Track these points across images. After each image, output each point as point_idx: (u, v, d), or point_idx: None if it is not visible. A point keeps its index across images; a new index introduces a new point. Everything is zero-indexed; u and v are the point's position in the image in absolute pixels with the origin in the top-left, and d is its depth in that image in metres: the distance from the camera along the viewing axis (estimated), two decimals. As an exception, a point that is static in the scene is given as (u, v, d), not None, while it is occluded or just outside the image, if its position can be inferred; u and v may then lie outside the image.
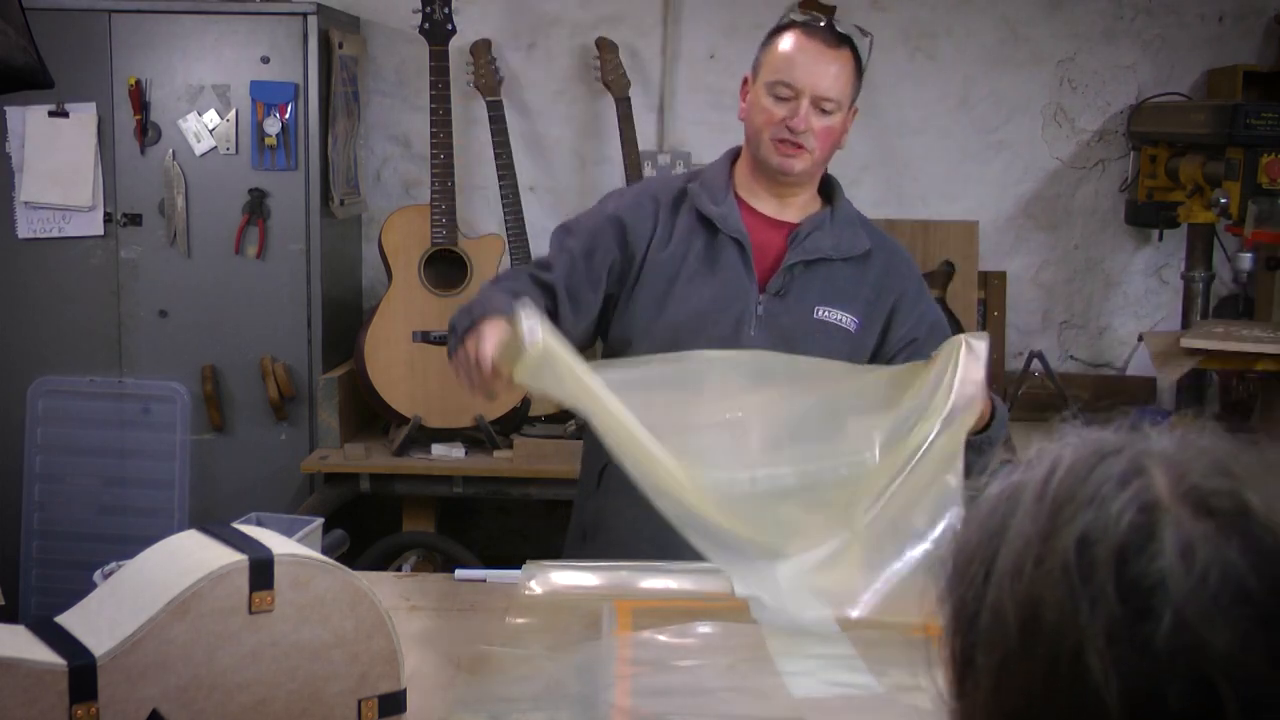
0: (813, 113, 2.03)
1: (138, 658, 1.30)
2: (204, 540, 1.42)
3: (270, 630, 1.37)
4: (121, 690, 1.29)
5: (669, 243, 2.10)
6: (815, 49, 2.05)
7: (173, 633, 1.31)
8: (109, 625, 1.32)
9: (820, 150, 2.06)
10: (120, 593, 1.37)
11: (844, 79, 2.05)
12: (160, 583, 1.34)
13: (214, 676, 1.35)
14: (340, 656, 1.42)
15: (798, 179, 2.10)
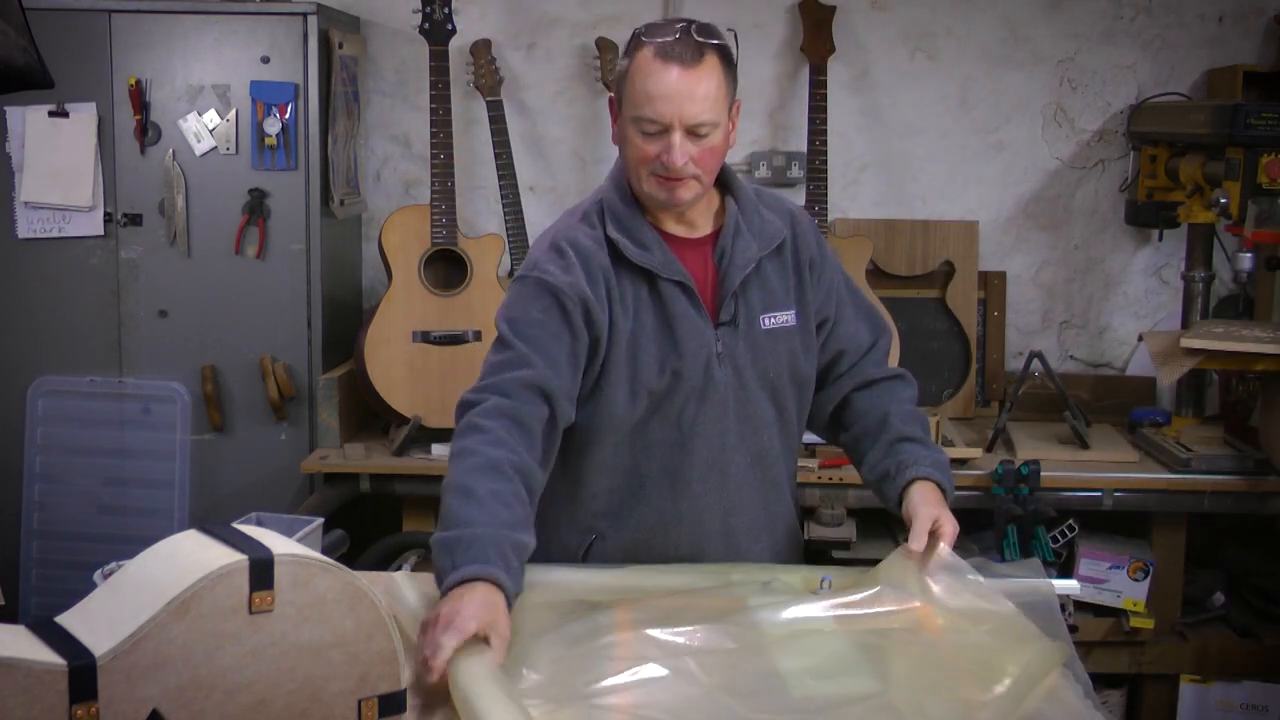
0: (688, 142, 1.88)
1: (138, 658, 1.30)
2: (204, 540, 1.42)
3: (270, 630, 1.37)
4: (121, 690, 1.29)
5: (623, 306, 1.97)
6: (674, 75, 1.85)
7: (173, 632, 1.31)
8: (109, 625, 1.32)
9: (707, 171, 1.93)
10: (120, 593, 1.37)
11: (713, 94, 1.88)
12: (160, 582, 1.34)
13: (214, 676, 1.35)
14: (340, 657, 1.42)
15: (692, 202, 1.98)
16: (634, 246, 1.97)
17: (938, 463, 2.07)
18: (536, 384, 1.90)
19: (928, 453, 2.09)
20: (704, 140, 1.89)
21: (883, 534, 3.39)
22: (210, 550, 1.39)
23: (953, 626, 1.81)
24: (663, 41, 1.87)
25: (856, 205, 3.79)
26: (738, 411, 2.03)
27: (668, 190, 1.93)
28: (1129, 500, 3.21)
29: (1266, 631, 3.36)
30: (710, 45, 1.89)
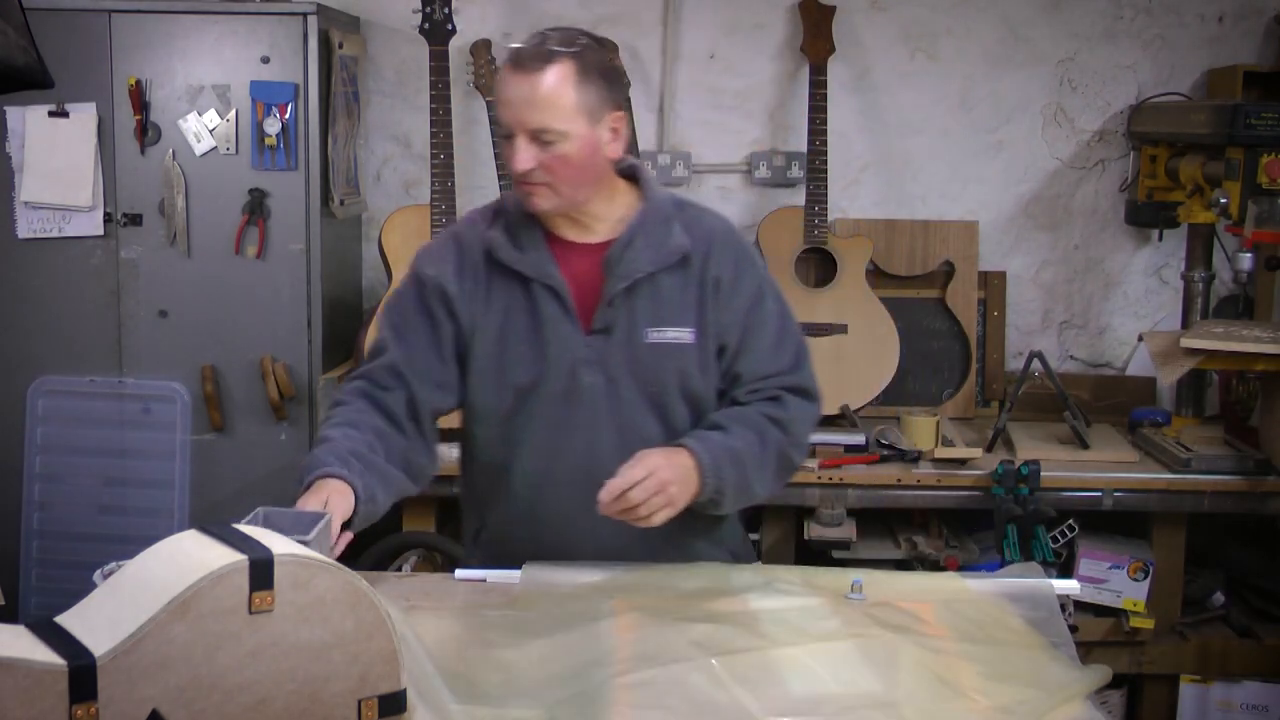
0: (533, 147, 1.89)
1: (138, 658, 1.30)
2: (204, 540, 1.42)
3: (270, 630, 1.37)
4: (121, 690, 1.30)
5: (490, 302, 2.01)
6: (515, 81, 1.88)
7: (173, 633, 1.31)
8: (109, 625, 1.32)
9: (563, 181, 1.91)
10: (120, 593, 1.37)
11: (555, 101, 1.87)
12: (160, 583, 1.34)
13: (214, 676, 1.35)
14: (340, 657, 1.42)
15: (560, 213, 1.98)
16: (509, 247, 2.00)
17: (711, 440, 1.95)
18: (392, 367, 2.02)
19: (712, 432, 1.98)
20: (552, 148, 1.89)
21: (883, 534, 3.40)
22: (210, 550, 1.39)
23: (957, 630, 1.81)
24: (517, 49, 1.92)
25: (856, 205, 3.79)
26: (612, 421, 2.00)
27: (525, 197, 1.95)
28: (1129, 500, 3.20)
29: (1266, 631, 3.36)
30: (562, 52, 1.89)
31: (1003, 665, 1.71)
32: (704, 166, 3.78)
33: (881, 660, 1.69)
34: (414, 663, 1.65)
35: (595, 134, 1.92)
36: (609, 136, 1.95)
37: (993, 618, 1.86)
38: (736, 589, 1.92)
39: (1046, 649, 1.78)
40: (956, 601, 1.91)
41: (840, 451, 3.27)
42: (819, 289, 3.53)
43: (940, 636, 1.78)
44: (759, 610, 1.83)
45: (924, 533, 3.37)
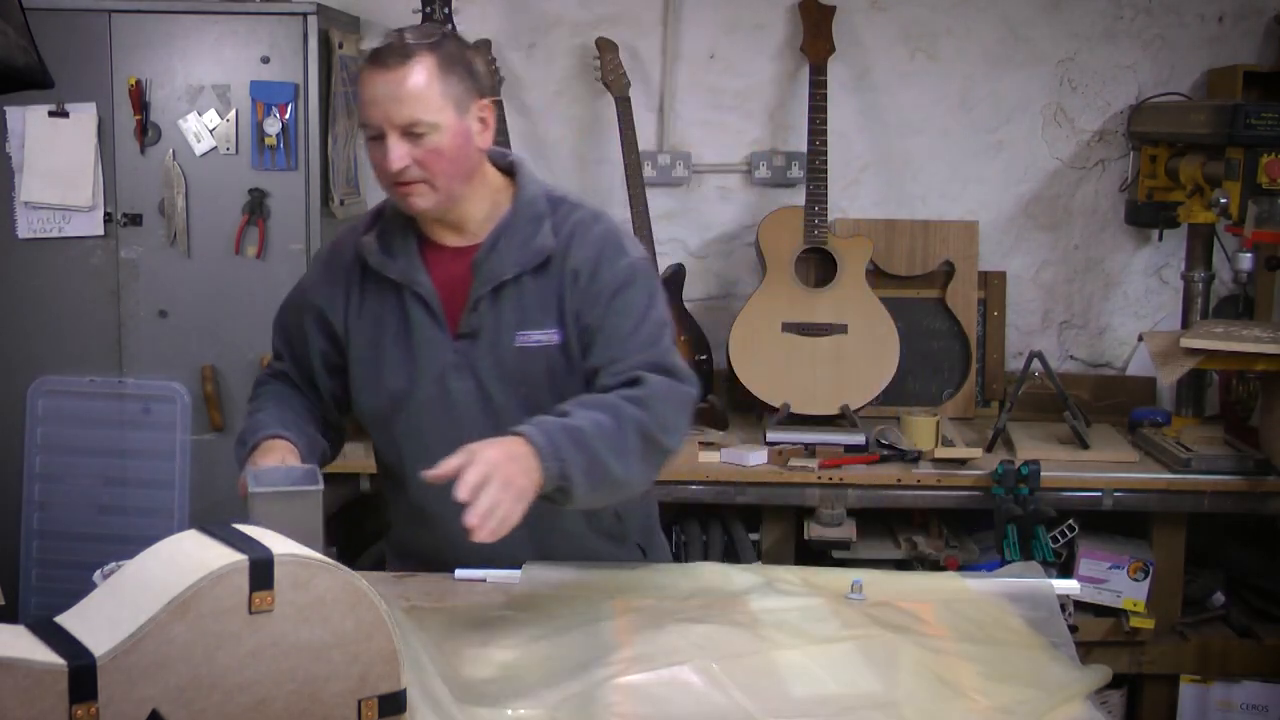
0: (405, 144, 1.86)
1: (137, 658, 1.30)
2: (204, 540, 1.42)
3: (270, 630, 1.37)
4: (121, 690, 1.29)
5: (363, 310, 2.02)
6: (379, 79, 1.87)
7: (173, 633, 1.31)
8: (109, 625, 1.32)
9: (439, 175, 1.89)
10: (120, 593, 1.37)
11: (422, 93, 1.86)
12: (160, 582, 1.34)
13: (214, 676, 1.35)
14: (340, 656, 1.42)
15: (439, 211, 1.95)
16: (380, 254, 2.00)
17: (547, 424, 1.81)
18: (285, 374, 2.15)
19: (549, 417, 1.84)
20: (424, 141, 1.87)
21: (883, 534, 3.40)
22: (210, 550, 1.39)
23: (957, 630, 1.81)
24: (375, 49, 1.92)
25: (856, 205, 3.79)
26: (487, 425, 1.94)
27: (402, 198, 1.92)
28: (1129, 500, 3.20)
29: (1266, 631, 3.36)
30: (421, 45, 1.89)
31: (1003, 665, 1.71)
32: (704, 166, 3.78)
33: (881, 661, 1.69)
34: (414, 663, 1.65)
35: (464, 124, 1.91)
36: (478, 126, 1.94)
37: (993, 618, 1.86)
38: (736, 589, 1.92)
39: (1046, 649, 1.78)
40: (956, 601, 1.91)
41: (840, 451, 3.27)
42: (819, 289, 3.53)
43: (940, 636, 1.78)
44: (759, 611, 1.83)
45: (924, 533, 3.37)
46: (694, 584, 1.95)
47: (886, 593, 1.93)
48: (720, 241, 3.81)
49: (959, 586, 1.98)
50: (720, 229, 3.81)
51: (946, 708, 1.60)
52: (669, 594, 1.91)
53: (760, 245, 3.56)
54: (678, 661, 1.66)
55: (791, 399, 3.44)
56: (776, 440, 3.30)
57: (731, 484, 3.20)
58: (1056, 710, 1.62)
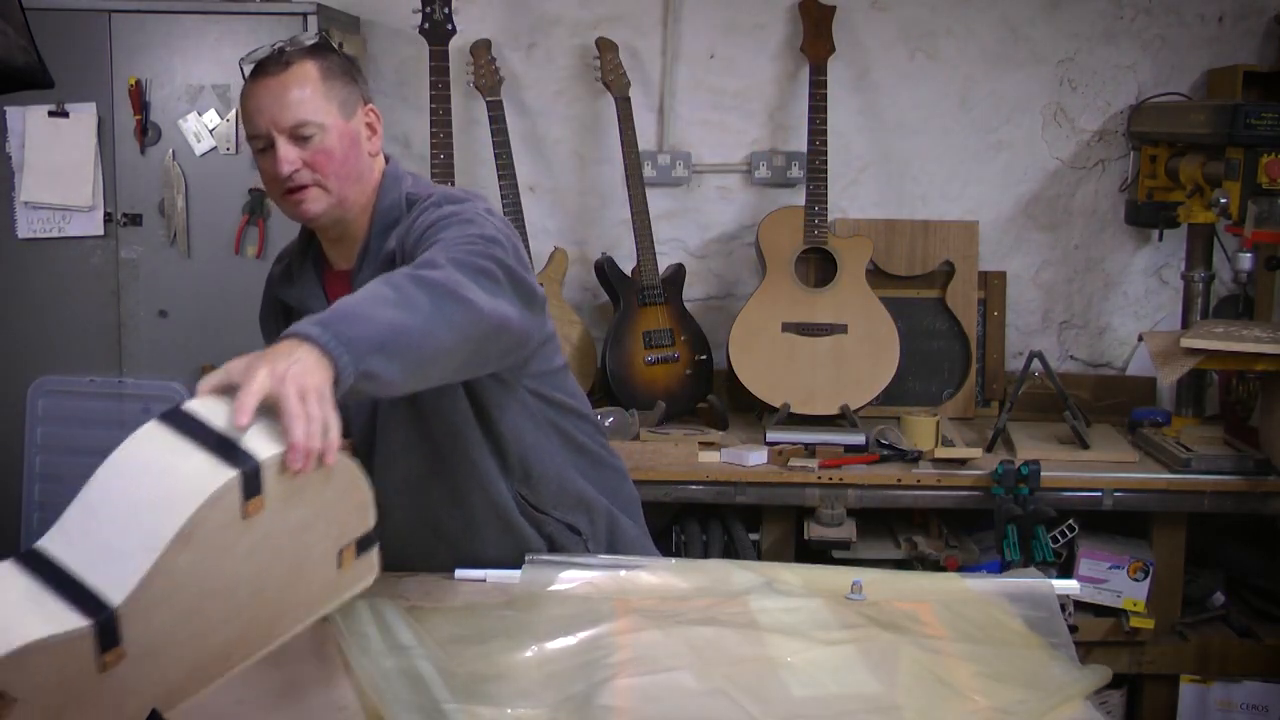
0: (293, 147, 1.86)
1: (149, 593, 1.29)
2: (171, 441, 1.36)
3: (262, 526, 1.37)
4: (139, 627, 1.30)
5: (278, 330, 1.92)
6: (260, 88, 1.88)
7: (178, 563, 1.30)
8: (106, 557, 1.29)
9: (332, 177, 1.88)
10: (104, 515, 1.33)
11: (306, 96, 1.87)
12: (149, 506, 1.31)
13: (215, 585, 1.36)
14: (323, 524, 1.44)
15: (332, 218, 1.92)
16: (283, 278, 2.04)
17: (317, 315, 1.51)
18: None
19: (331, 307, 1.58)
20: (312, 143, 1.87)
21: (883, 534, 3.40)
22: (187, 459, 1.34)
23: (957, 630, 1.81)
24: (253, 63, 1.91)
25: (856, 205, 3.79)
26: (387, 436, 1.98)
27: (295, 206, 1.90)
28: (1129, 500, 3.21)
29: (1266, 631, 3.36)
30: (299, 51, 1.90)
31: (1002, 665, 1.71)
32: (704, 166, 3.78)
33: (881, 661, 1.69)
34: (414, 663, 1.65)
35: (351, 126, 1.91)
36: (366, 131, 1.95)
37: (992, 618, 1.86)
38: (737, 589, 1.92)
39: (1046, 649, 1.78)
40: (956, 602, 1.91)
41: (840, 451, 3.27)
42: (819, 289, 3.53)
43: (940, 637, 1.78)
44: (759, 611, 1.83)
45: (924, 533, 3.37)
46: (694, 584, 1.95)
47: (886, 593, 1.93)
48: (720, 241, 3.81)
49: (959, 586, 1.98)
50: (720, 229, 3.81)
51: (946, 708, 1.60)
52: (669, 594, 1.91)
53: (760, 245, 3.56)
54: (678, 662, 1.66)
55: (791, 399, 3.44)
56: (776, 440, 3.30)
57: (731, 484, 3.20)
58: (1056, 710, 1.62)
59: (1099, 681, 1.71)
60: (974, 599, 1.92)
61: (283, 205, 1.92)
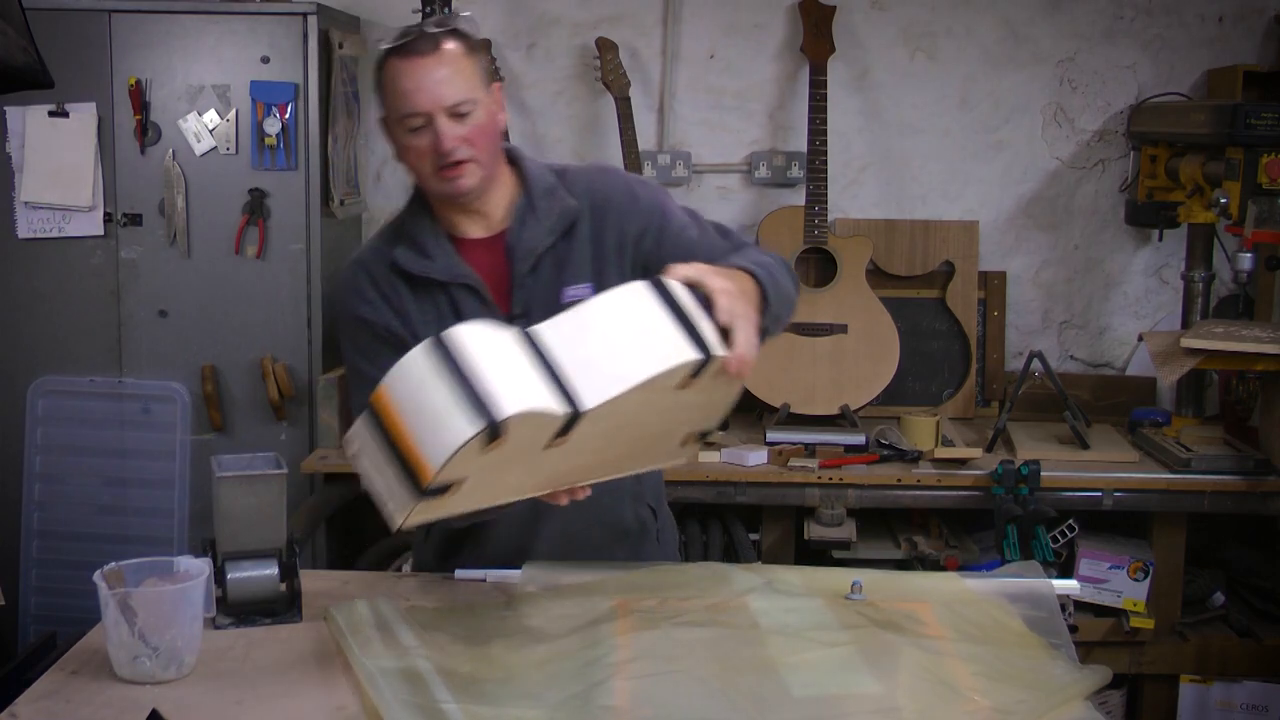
0: (453, 125, 1.92)
1: (602, 410, 1.53)
2: (654, 306, 1.58)
3: (681, 398, 1.64)
4: (581, 429, 1.54)
5: (420, 319, 2.00)
6: (415, 67, 1.94)
7: (629, 399, 1.54)
8: (589, 370, 1.53)
9: (483, 151, 1.96)
10: (595, 335, 1.55)
11: (460, 74, 1.93)
12: (631, 348, 1.55)
13: (627, 423, 1.62)
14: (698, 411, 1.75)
15: (480, 190, 1.99)
16: (417, 258, 2.01)
17: (754, 260, 1.86)
18: None
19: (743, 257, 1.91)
20: (468, 119, 1.92)
21: (883, 534, 3.40)
22: (665, 326, 1.56)
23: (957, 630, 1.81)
24: (399, 44, 1.98)
25: (856, 205, 3.79)
26: None
27: (451, 182, 1.95)
28: (1129, 500, 3.21)
29: (1266, 631, 3.36)
30: (444, 33, 1.97)
31: (1002, 666, 1.71)
32: (704, 166, 3.78)
33: (881, 662, 1.69)
34: (414, 663, 1.66)
35: (490, 101, 1.97)
36: (497, 106, 1.99)
37: (992, 618, 1.86)
38: (737, 589, 1.92)
39: (1046, 649, 1.78)
40: (956, 601, 1.91)
41: (840, 451, 3.27)
42: (819, 289, 3.53)
43: (940, 637, 1.78)
44: (759, 611, 1.83)
45: (924, 533, 3.37)
46: (694, 584, 1.95)
47: (886, 593, 1.93)
48: (720, 241, 3.81)
49: (959, 586, 1.98)
50: (720, 229, 3.80)
51: (946, 708, 1.60)
52: (670, 594, 1.91)
53: (760, 245, 3.56)
54: (678, 663, 1.66)
55: (791, 399, 3.44)
56: (776, 440, 3.30)
57: (731, 484, 3.20)
58: (1056, 710, 1.62)
59: (1099, 681, 1.71)
60: (974, 599, 1.92)
61: (434, 181, 1.96)
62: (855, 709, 1.58)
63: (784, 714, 1.56)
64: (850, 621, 1.80)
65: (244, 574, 1.86)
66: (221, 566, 1.86)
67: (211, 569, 1.81)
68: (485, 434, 1.43)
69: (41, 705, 1.61)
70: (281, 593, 1.87)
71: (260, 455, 1.96)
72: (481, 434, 1.43)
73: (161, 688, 1.65)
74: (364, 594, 1.91)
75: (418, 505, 1.49)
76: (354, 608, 1.83)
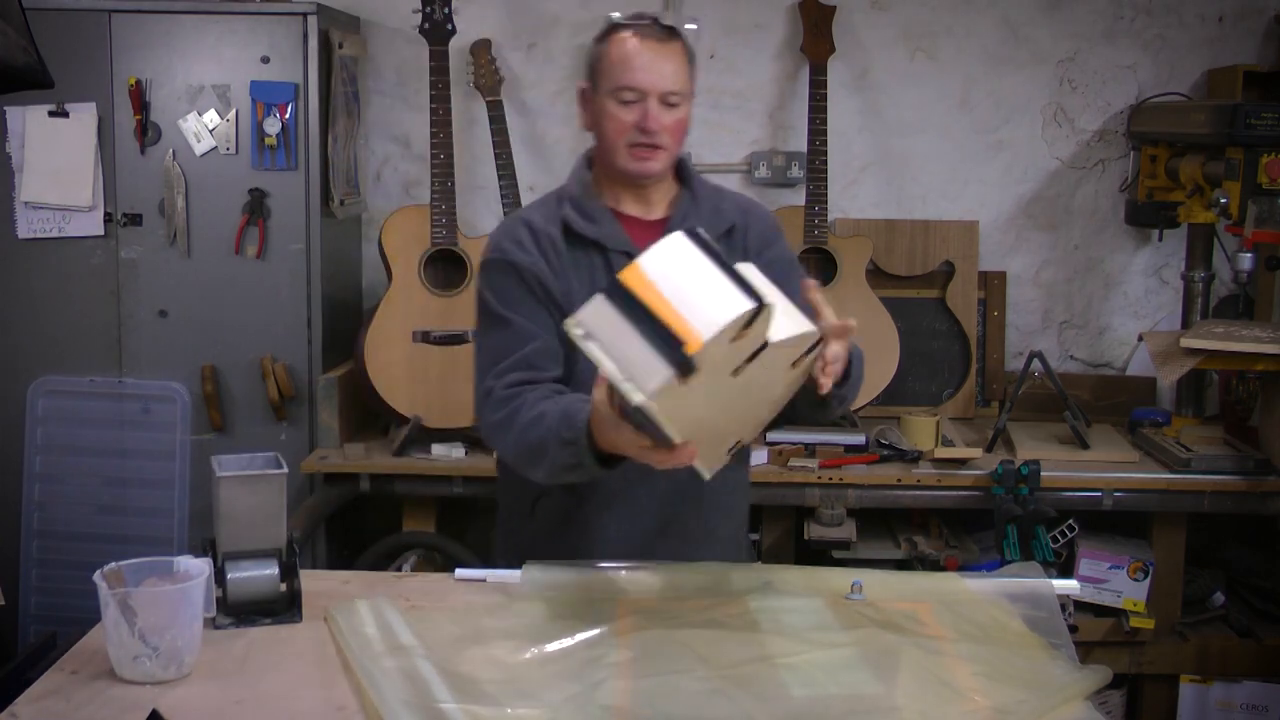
0: (662, 110, 2.06)
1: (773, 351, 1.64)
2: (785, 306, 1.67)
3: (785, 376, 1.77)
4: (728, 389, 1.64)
5: (575, 277, 2.09)
6: (650, 48, 2.07)
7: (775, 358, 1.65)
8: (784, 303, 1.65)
9: (674, 144, 2.10)
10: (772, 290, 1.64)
11: (682, 71, 2.09)
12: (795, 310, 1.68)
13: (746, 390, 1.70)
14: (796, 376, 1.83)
15: (658, 177, 2.13)
16: (583, 220, 2.11)
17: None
18: (546, 352, 2.05)
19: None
20: (674, 111, 2.08)
21: (883, 534, 3.40)
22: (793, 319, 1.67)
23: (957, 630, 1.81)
24: (636, 25, 2.09)
25: (856, 205, 3.79)
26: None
27: (640, 161, 2.08)
28: (1129, 500, 3.21)
29: (1266, 631, 3.36)
30: (677, 33, 2.12)
31: (1002, 666, 1.71)
32: (704, 166, 3.78)
33: (882, 662, 1.69)
34: (414, 663, 1.66)
35: (689, 107, 2.13)
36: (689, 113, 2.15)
37: (992, 618, 1.86)
38: (737, 590, 1.92)
39: (1046, 649, 1.78)
40: (956, 602, 1.91)
41: (840, 451, 3.27)
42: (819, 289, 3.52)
43: (940, 637, 1.78)
44: (759, 611, 1.83)
45: (924, 533, 3.37)
46: (694, 584, 1.95)
47: (886, 593, 1.93)
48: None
49: (959, 587, 1.98)
50: (720, 229, 3.80)
51: (946, 709, 1.60)
52: (669, 595, 1.91)
53: (760, 245, 3.56)
54: (678, 663, 1.66)
55: (791, 399, 3.44)
56: (776, 440, 3.30)
57: (731, 484, 3.20)
58: (1056, 710, 1.62)
59: (1099, 681, 1.71)
60: (974, 599, 1.92)
61: (623, 155, 2.08)
62: (855, 709, 1.58)
63: (784, 713, 1.57)
64: (850, 621, 1.80)
65: (244, 574, 1.86)
66: (221, 566, 1.86)
67: (211, 569, 1.81)
68: (750, 314, 1.52)
69: (41, 705, 1.61)
70: (281, 593, 1.87)
71: (260, 455, 1.96)
72: (748, 313, 1.52)
73: (161, 688, 1.65)
74: (364, 594, 1.91)
75: (668, 380, 1.51)
76: (354, 608, 1.84)
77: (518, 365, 2.03)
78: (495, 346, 2.06)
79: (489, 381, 2.03)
